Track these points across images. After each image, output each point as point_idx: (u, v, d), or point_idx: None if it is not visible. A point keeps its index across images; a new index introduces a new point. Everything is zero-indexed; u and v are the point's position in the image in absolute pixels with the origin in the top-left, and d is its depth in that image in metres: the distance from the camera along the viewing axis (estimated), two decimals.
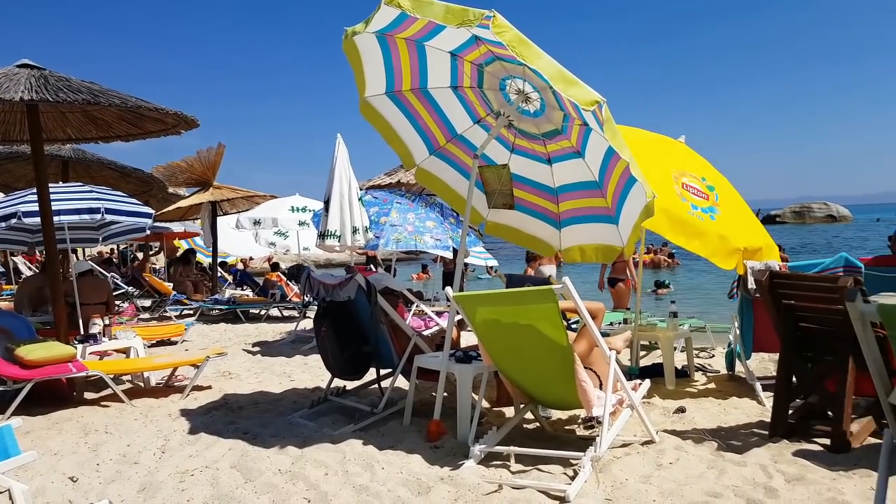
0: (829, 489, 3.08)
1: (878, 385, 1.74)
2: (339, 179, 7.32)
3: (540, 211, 5.26)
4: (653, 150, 5.50)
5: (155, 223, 14.33)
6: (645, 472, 3.44)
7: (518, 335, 3.67)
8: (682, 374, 5.86)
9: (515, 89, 4.42)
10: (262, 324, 10.79)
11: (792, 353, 4.01)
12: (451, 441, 3.98)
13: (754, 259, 4.80)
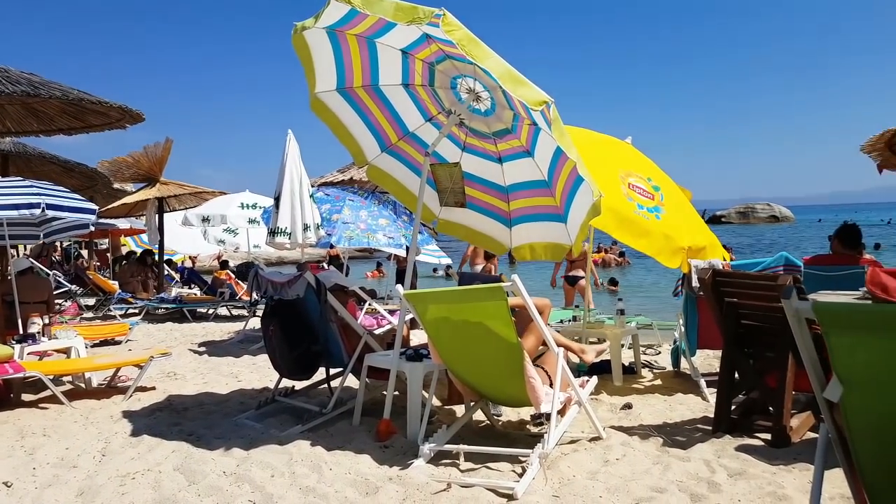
0: (770, 483, 3.17)
1: (813, 381, 1.79)
2: (290, 176, 7.21)
3: (491, 209, 5.28)
4: (600, 151, 5.59)
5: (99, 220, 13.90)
6: (592, 468, 3.49)
7: (468, 333, 3.67)
8: (629, 371, 5.98)
9: (466, 88, 4.42)
10: (210, 323, 10.56)
11: (734, 349, 4.13)
12: (400, 440, 3.96)
13: (698, 258, 4.92)
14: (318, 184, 9.75)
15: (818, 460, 1.90)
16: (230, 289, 12.06)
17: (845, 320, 1.59)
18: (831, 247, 5.29)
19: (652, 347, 7.30)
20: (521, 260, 5.38)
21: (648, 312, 9.12)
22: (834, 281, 4.81)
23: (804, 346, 1.73)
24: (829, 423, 1.82)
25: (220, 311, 11.48)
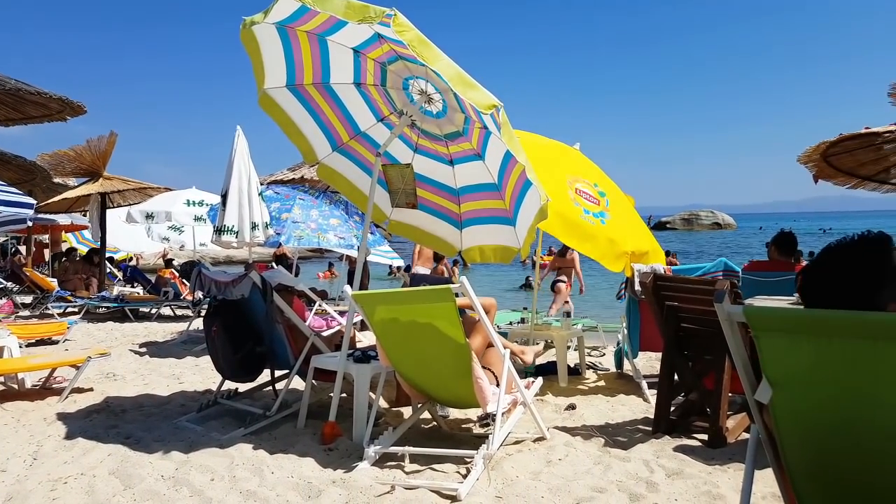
0: (706, 483, 3.26)
1: (744, 382, 1.84)
2: (238, 173, 7.07)
3: (442, 211, 5.30)
4: (549, 155, 5.68)
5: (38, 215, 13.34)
6: (535, 468, 3.53)
7: (416, 334, 3.66)
8: (574, 373, 6.08)
9: (418, 89, 4.42)
10: (153, 323, 10.25)
11: (674, 352, 4.24)
12: (346, 443, 3.92)
13: (641, 262, 5.05)
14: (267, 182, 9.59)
15: (749, 460, 1.96)
16: (174, 288, 11.75)
17: (774, 324, 1.65)
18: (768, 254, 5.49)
19: (597, 349, 7.44)
20: (470, 262, 5.41)
21: (594, 315, 9.29)
22: (770, 286, 4.99)
23: (735, 348, 1.79)
24: (759, 424, 1.88)
25: (163, 310, 11.17)
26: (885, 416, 1.58)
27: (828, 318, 1.56)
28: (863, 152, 5.95)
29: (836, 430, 1.68)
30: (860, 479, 1.74)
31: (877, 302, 1.62)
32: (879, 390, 1.56)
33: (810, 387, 1.67)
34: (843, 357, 1.57)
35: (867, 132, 5.09)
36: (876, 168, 6.22)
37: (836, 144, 5.52)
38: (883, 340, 1.49)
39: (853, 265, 1.66)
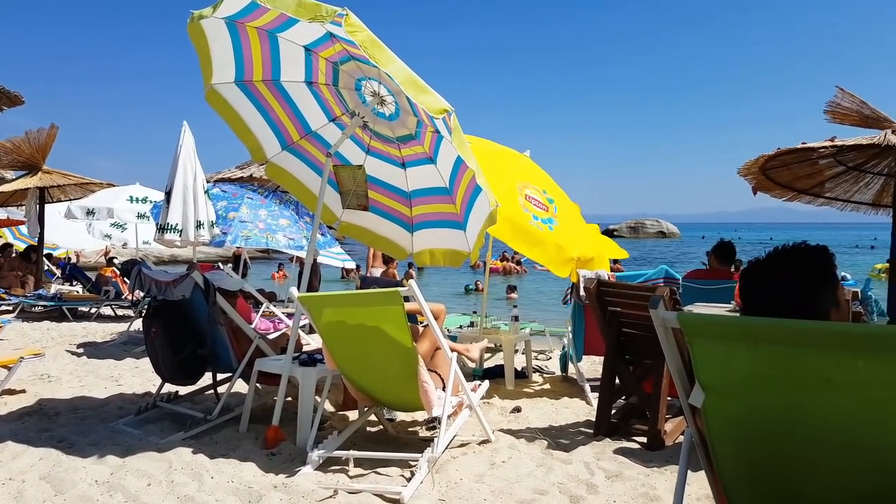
0: (643, 485, 3.34)
1: (678, 386, 1.90)
2: (184, 170, 6.89)
3: (394, 214, 5.29)
4: (500, 162, 5.74)
5: None
6: (479, 471, 3.55)
7: (363, 337, 3.64)
8: (521, 376, 6.14)
9: (371, 91, 4.40)
10: (92, 323, 9.89)
11: (615, 356, 4.34)
12: (289, 447, 3.86)
13: (586, 268, 5.15)
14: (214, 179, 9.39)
15: (682, 462, 2.02)
16: (116, 287, 11.35)
17: (706, 330, 1.71)
18: (708, 262, 5.68)
19: (544, 353, 7.53)
20: (421, 265, 5.42)
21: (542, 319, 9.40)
22: (709, 294, 5.17)
23: (670, 353, 1.84)
24: (693, 427, 1.94)
25: (103, 310, 10.79)
26: (812, 422, 1.65)
27: (756, 326, 1.62)
28: (799, 166, 6.19)
29: (765, 434, 1.75)
30: (789, 483, 1.81)
31: (818, 306, 1.74)
32: (806, 396, 1.62)
33: (740, 392, 1.74)
34: (771, 363, 1.63)
35: (803, 147, 5.30)
36: (811, 182, 6.48)
37: (773, 158, 5.73)
38: (808, 348, 1.56)
39: (797, 271, 1.77)
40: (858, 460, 1.64)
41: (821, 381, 1.56)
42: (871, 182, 6.43)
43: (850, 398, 1.55)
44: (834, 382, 1.54)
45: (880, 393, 1.51)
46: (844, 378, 1.53)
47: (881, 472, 1.62)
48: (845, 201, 6.64)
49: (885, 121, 5.45)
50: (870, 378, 1.50)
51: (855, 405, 1.56)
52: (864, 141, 5.09)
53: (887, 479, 1.62)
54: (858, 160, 6.14)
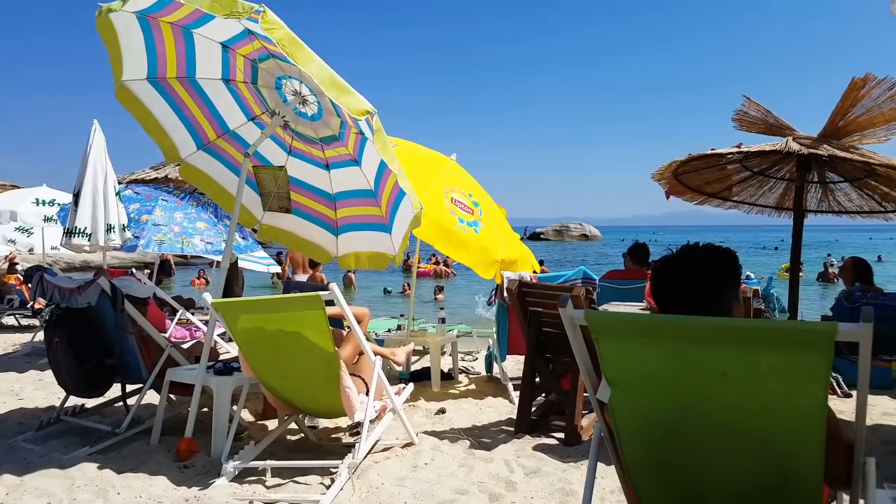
0: (560, 480, 3.41)
1: (586, 382, 1.94)
2: (93, 170, 6.53)
3: (318, 216, 5.20)
4: (426, 165, 5.76)
5: None
6: (401, 474, 3.53)
7: (282, 343, 3.55)
8: (447, 377, 6.17)
9: (292, 90, 4.32)
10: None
11: (535, 355, 4.42)
12: (203, 459, 3.71)
13: (510, 270, 5.23)
14: (127, 181, 8.96)
15: (591, 456, 2.07)
16: (20, 295, 10.66)
17: (611, 327, 1.76)
18: (624, 263, 5.88)
19: (471, 354, 7.59)
20: (345, 268, 5.35)
21: (470, 321, 9.47)
22: (625, 293, 5.35)
23: (578, 350, 1.88)
24: (601, 422, 1.99)
25: (5, 320, 10.14)
26: (710, 414, 1.73)
27: (658, 322, 1.68)
28: (709, 171, 6.51)
29: (667, 427, 1.82)
30: (690, 474, 1.88)
31: (723, 302, 1.85)
32: (703, 390, 1.69)
33: (644, 387, 1.80)
34: (672, 358, 1.69)
35: (712, 153, 5.57)
36: (720, 186, 6.83)
37: (685, 163, 6.00)
38: (704, 343, 1.63)
39: (705, 269, 1.88)
40: (752, 450, 1.73)
41: (716, 375, 1.63)
42: (774, 186, 6.83)
43: (743, 390, 1.63)
44: (728, 376, 1.62)
45: (771, 385, 1.60)
46: (737, 371, 1.61)
47: (773, 461, 1.72)
48: (751, 204, 7.03)
49: (788, 129, 5.80)
50: (760, 371, 1.59)
51: (748, 397, 1.64)
52: (768, 147, 5.40)
53: (779, 467, 1.72)
54: (763, 165, 6.51)
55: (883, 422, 4.66)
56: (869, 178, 6.21)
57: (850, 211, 6.76)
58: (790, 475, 1.71)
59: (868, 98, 5.38)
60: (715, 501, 1.90)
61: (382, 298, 19.09)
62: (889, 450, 3.97)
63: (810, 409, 1.58)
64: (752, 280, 10.21)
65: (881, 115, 5.47)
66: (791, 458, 1.69)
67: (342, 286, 22.07)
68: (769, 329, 1.60)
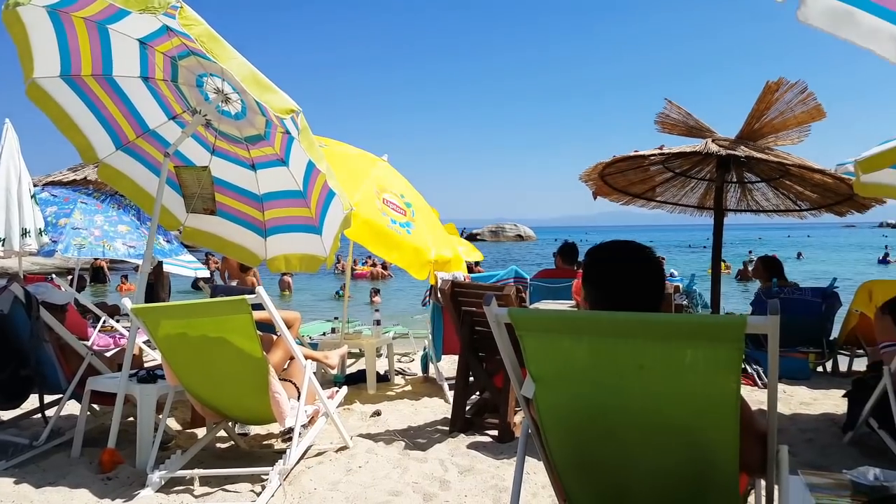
0: (493, 476, 3.45)
1: (512, 379, 1.97)
2: (6, 172, 6.18)
3: (244, 218, 5.07)
4: (357, 165, 5.71)
5: None
6: (334, 478, 3.48)
7: (208, 349, 3.45)
8: (383, 379, 6.14)
9: (214, 88, 4.20)
10: None
11: (469, 353, 4.45)
12: (127, 470, 3.57)
13: (444, 270, 5.25)
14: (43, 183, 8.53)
15: (520, 453, 2.10)
16: None
17: (534, 324, 1.79)
18: (555, 262, 6.00)
19: (407, 355, 7.58)
20: (275, 271, 5.24)
21: (406, 322, 9.47)
22: (555, 292, 5.47)
23: (503, 347, 1.91)
24: (528, 417, 2.02)
25: None
26: (629, 406, 1.77)
27: (578, 318, 1.72)
28: (633, 172, 6.73)
29: (590, 421, 1.86)
30: (613, 466, 1.93)
31: (657, 297, 1.90)
32: (624, 383, 1.74)
33: (567, 381, 1.84)
34: (593, 353, 1.74)
35: (636, 155, 5.76)
36: (644, 187, 7.07)
37: (610, 165, 6.19)
38: (624, 337, 1.68)
39: (650, 264, 1.92)
40: (670, 441, 1.79)
41: (634, 368, 1.68)
42: (695, 186, 7.12)
43: (659, 383, 1.69)
44: (645, 369, 1.67)
45: (685, 377, 1.66)
46: (654, 364, 1.66)
47: (690, 451, 1.78)
48: (674, 204, 7.30)
49: (707, 131, 6.06)
50: (675, 363, 1.64)
51: (664, 389, 1.70)
52: (688, 149, 5.63)
53: (696, 457, 1.78)
54: (684, 166, 6.78)
55: (801, 411, 4.90)
56: (784, 178, 6.55)
57: (767, 210, 7.12)
58: (707, 464, 1.78)
59: (781, 101, 5.68)
60: (637, 493, 1.96)
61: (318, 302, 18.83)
62: (806, 438, 4.18)
63: (724, 399, 1.64)
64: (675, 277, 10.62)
65: (794, 118, 5.78)
66: (707, 447, 1.75)
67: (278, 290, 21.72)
68: (683, 323, 1.66)
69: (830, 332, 6.48)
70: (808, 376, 6.01)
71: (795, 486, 1.83)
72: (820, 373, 6.34)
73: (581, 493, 2.05)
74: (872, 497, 1.58)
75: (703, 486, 1.83)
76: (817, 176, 5.96)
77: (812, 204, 6.77)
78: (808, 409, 4.95)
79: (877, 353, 3.91)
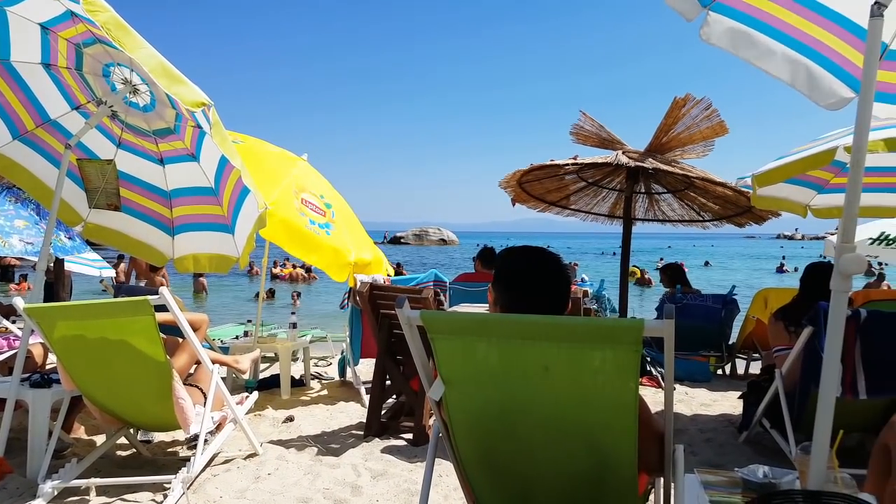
0: (406, 480, 3.44)
1: (423, 381, 1.97)
2: None
3: (151, 215, 4.86)
4: (275, 164, 5.59)
5: None
6: (241, 486, 3.38)
7: (107, 352, 3.27)
8: (299, 384, 6.02)
9: (122, 78, 4.00)
10: None
11: (386, 356, 4.43)
12: (17, 480, 3.34)
13: (364, 273, 5.21)
14: None
15: (430, 455, 2.11)
16: None
17: (445, 326, 1.80)
18: (474, 266, 6.06)
19: (325, 359, 7.46)
20: (183, 271, 5.04)
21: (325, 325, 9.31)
22: (475, 295, 5.52)
23: (415, 350, 1.91)
24: (438, 419, 2.03)
25: None
26: (535, 407, 1.81)
27: (487, 321, 1.74)
28: (549, 181, 6.91)
29: (497, 421, 1.89)
30: (519, 466, 1.97)
31: (559, 302, 1.91)
32: (530, 384, 1.78)
33: (476, 383, 1.85)
34: (501, 355, 1.76)
35: (551, 164, 5.92)
36: (559, 195, 7.28)
37: (528, 173, 6.33)
38: (530, 339, 1.71)
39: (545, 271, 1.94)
40: (573, 441, 1.84)
41: (540, 370, 1.72)
42: (607, 196, 7.39)
43: (563, 384, 1.73)
44: (550, 371, 1.71)
45: (587, 378, 1.71)
46: (558, 366, 1.70)
47: (591, 451, 1.84)
48: (587, 212, 7.55)
49: (618, 143, 6.30)
50: (578, 365, 1.69)
51: (568, 390, 1.74)
52: (600, 160, 5.83)
53: (597, 456, 1.84)
54: (597, 177, 7.02)
55: (701, 412, 5.15)
56: (689, 189, 6.90)
57: (673, 220, 7.47)
58: (606, 464, 1.84)
59: (688, 116, 5.98)
60: (541, 493, 2.00)
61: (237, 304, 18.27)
62: (705, 437, 4.39)
63: (623, 400, 1.70)
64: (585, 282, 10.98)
65: (699, 133, 6.10)
66: (606, 447, 1.81)
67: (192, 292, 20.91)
68: (586, 326, 1.71)
69: (730, 337, 6.87)
70: (709, 379, 6.33)
71: (691, 484, 1.92)
72: (720, 375, 6.70)
73: (489, 494, 2.07)
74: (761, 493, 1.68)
75: (602, 485, 1.90)
76: (719, 188, 6.31)
77: (714, 215, 7.16)
78: (708, 410, 5.21)
79: (770, 357, 4.16)
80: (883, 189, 5.48)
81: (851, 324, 3.13)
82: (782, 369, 3.74)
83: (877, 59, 1.78)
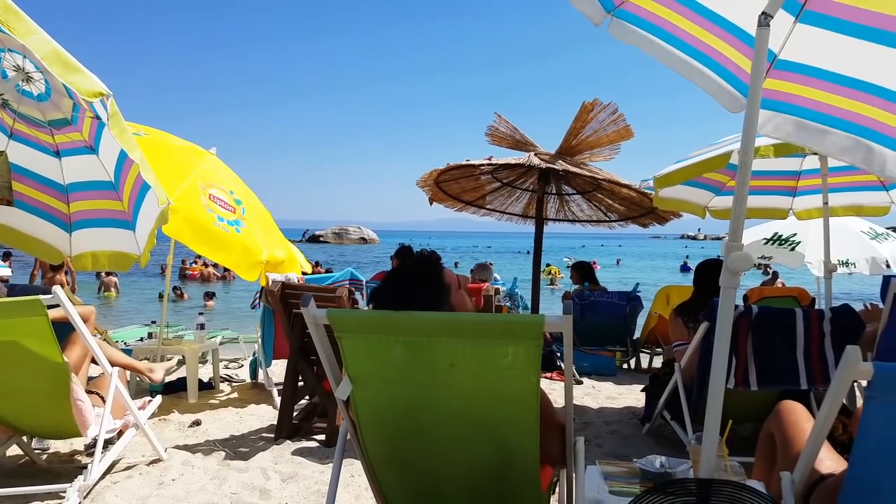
0: (317, 482, 3.39)
1: (331, 380, 1.97)
2: None
3: (46, 210, 4.57)
4: (181, 157, 5.37)
5: None
6: (143, 493, 3.24)
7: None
8: (207, 387, 5.82)
9: (14, 65, 3.73)
10: None
11: (299, 357, 4.36)
12: None
13: (276, 272, 5.10)
14: None
15: (337, 454, 2.10)
16: None
17: (351, 325, 1.80)
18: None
19: (237, 361, 7.25)
20: (80, 269, 4.78)
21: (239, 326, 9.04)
22: None
23: (322, 348, 1.90)
24: (346, 419, 2.02)
25: None
26: (442, 403, 1.84)
27: (393, 318, 1.75)
28: (465, 180, 7.01)
29: (404, 418, 1.90)
30: (426, 462, 1.99)
31: (444, 299, 1.93)
32: (436, 381, 1.80)
33: (383, 381, 1.87)
34: (408, 353, 1.78)
35: (467, 164, 6.00)
36: (475, 195, 7.39)
37: (445, 172, 6.40)
38: (437, 336, 1.74)
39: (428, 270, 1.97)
40: (478, 435, 1.88)
41: (446, 366, 1.75)
42: (520, 196, 7.56)
43: (468, 379, 1.77)
44: (456, 366, 1.75)
45: (491, 373, 1.75)
46: (464, 362, 1.74)
47: (496, 444, 1.89)
48: (501, 212, 7.71)
49: (531, 145, 6.46)
50: (482, 360, 1.73)
51: (472, 385, 1.78)
52: (513, 161, 5.96)
53: (500, 449, 1.89)
54: (511, 177, 7.17)
55: (607, 405, 5.36)
56: (596, 191, 7.16)
57: (582, 220, 7.74)
58: (510, 456, 1.89)
59: (595, 121, 6.20)
60: (448, 488, 2.04)
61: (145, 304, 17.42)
62: (611, 429, 4.57)
63: (525, 394, 1.76)
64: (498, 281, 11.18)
65: (606, 137, 6.35)
66: (509, 441, 1.87)
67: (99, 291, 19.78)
68: (490, 322, 1.75)
69: (634, 332, 7.19)
70: (615, 373, 6.60)
71: (592, 475, 2.00)
72: (625, 369, 7.00)
73: (397, 491, 2.09)
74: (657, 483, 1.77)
75: (507, 480, 1.95)
76: (624, 190, 6.59)
77: (620, 216, 7.47)
78: (614, 403, 5.43)
79: (670, 351, 4.37)
80: (775, 192, 5.90)
81: (744, 319, 3.29)
82: (681, 363, 3.92)
83: (763, 68, 1.89)
